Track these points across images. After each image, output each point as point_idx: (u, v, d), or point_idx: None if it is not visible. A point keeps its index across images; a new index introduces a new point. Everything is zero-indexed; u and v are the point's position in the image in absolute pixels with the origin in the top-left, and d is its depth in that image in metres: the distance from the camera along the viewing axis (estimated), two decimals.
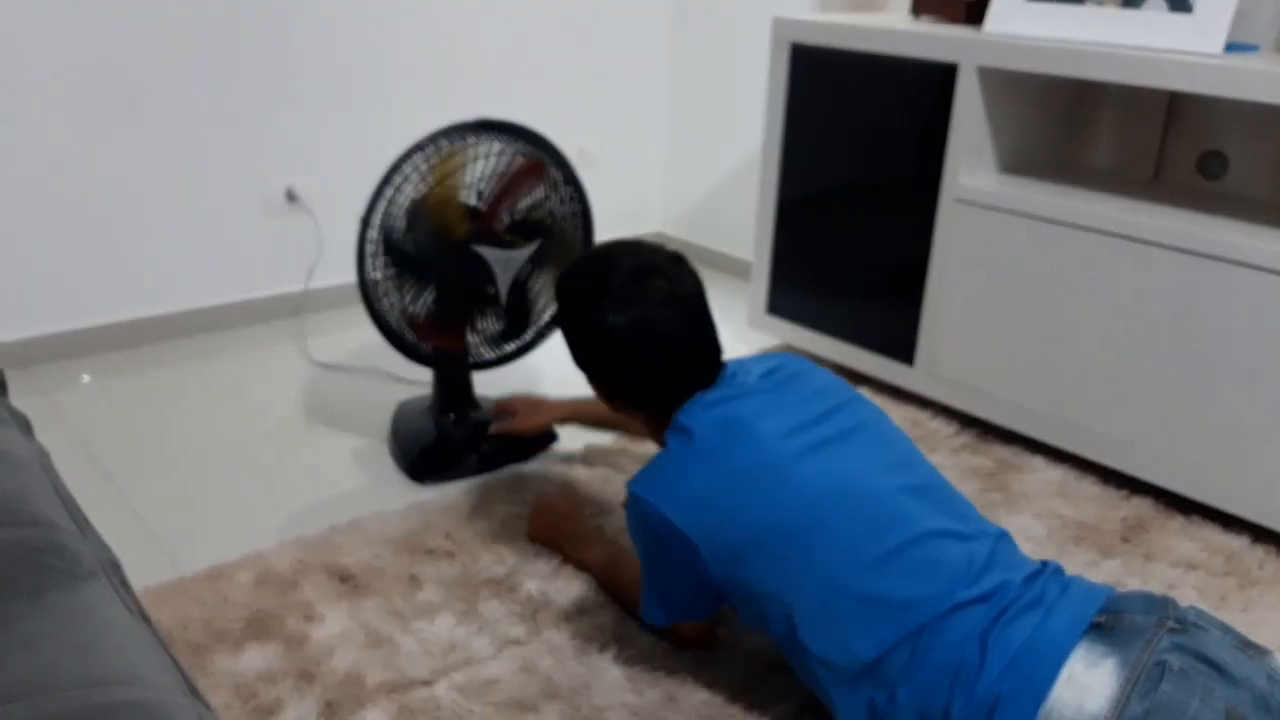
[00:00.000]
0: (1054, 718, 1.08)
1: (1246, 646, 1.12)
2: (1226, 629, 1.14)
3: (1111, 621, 1.14)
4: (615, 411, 1.51)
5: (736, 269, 3.26)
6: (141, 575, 1.61)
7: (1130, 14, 1.94)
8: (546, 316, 2.05)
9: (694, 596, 1.37)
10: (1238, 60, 1.77)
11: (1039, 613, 1.16)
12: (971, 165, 2.12)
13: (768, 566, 1.26)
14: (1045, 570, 1.24)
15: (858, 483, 1.27)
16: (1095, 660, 1.10)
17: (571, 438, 2.14)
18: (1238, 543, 1.84)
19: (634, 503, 1.34)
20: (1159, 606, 1.15)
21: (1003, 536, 1.29)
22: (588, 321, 1.40)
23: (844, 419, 1.35)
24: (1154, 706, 1.04)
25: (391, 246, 1.83)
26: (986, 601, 1.18)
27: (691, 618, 1.43)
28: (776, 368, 1.42)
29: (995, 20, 2.09)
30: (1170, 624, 1.12)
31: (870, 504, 1.25)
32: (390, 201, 1.81)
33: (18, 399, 2.21)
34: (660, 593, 1.40)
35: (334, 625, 1.51)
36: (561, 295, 1.45)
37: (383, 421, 2.19)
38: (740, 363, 1.44)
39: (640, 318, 1.37)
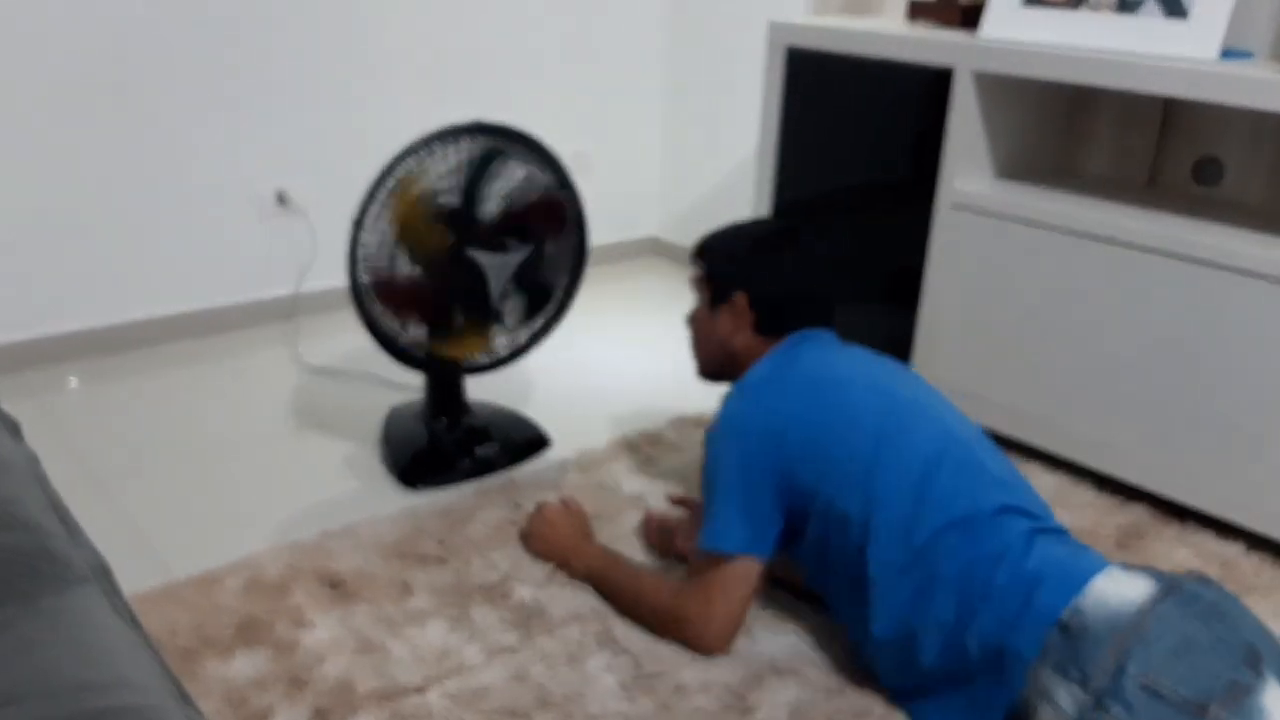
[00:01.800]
0: (1094, 596, 1.22)
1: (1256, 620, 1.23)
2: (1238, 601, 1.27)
3: (1146, 569, 1.28)
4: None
5: None
6: (131, 580, 1.60)
7: (1126, 20, 1.95)
8: (539, 321, 2.05)
9: (762, 515, 1.46)
10: (1233, 67, 1.78)
11: (1075, 547, 1.34)
12: (967, 170, 2.12)
13: (838, 465, 1.42)
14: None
15: (931, 409, 1.47)
16: (1134, 576, 1.25)
17: (564, 444, 2.14)
18: (1233, 549, 1.85)
19: (729, 403, 1.52)
20: (1187, 575, 1.27)
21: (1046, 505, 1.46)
22: (775, 257, 1.65)
23: (921, 384, 1.56)
24: (1188, 615, 1.17)
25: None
26: (1033, 518, 1.36)
27: (749, 546, 1.46)
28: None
29: (991, 25, 2.10)
30: (1198, 578, 1.25)
31: (940, 426, 1.44)
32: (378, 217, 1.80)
33: (7, 403, 2.20)
34: (726, 512, 1.47)
35: (324, 631, 1.51)
36: (740, 237, 1.68)
37: (375, 426, 2.19)
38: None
39: (818, 259, 1.67)
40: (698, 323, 1.73)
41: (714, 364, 1.71)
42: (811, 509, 1.46)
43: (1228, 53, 1.94)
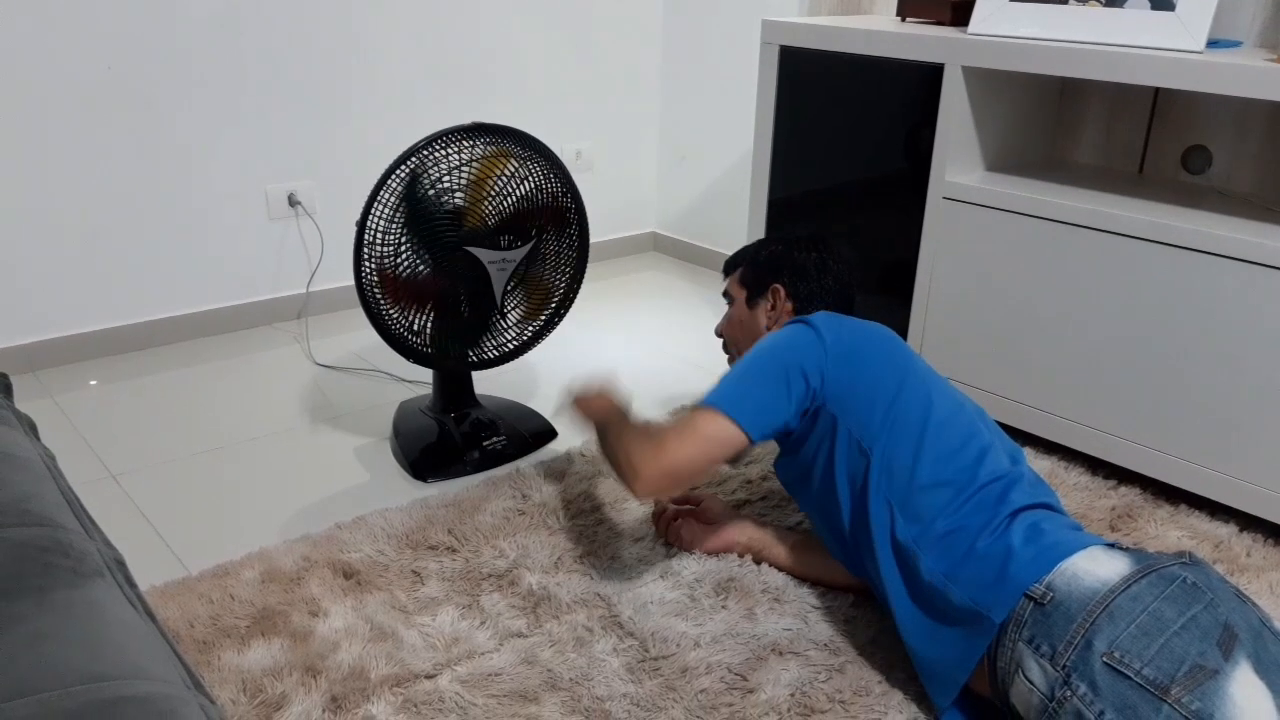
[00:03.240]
0: (1068, 572, 1.24)
1: (1242, 596, 1.23)
2: (1227, 581, 1.26)
3: (1131, 549, 1.29)
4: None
5: None
6: (148, 574, 1.64)
7: (1113, 13, 1.96)
8: (543, 317, 2.08)
9: (776, 403, 1.50)
10: (1220, 56, 1.79)
11: (1064, 526, 1.36)
12: (958, 163, 2.14)
13: (870, 392, 1.49)
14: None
15: (946, 386, 1.54)
16: (1114, 555, 1.26)
17: (570, 435, 2.17)
18: (1225, 530, 1.87)
19: (793, 323, 1.58)
20: (1175, 554, 1.27)
21: (1052, 491, 1.50)
22: (807, 254, 1.76)
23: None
24: (1162, 595, 1.18)
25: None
26: (1027, 494, 1.39)
27: (743, 416, 1.48)
28: None
29: (980, 21, 2.12)
30: (1182, 561, 1.25)
31: (951, 397, 1.52)
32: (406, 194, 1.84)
33: (24, 402, 2.24)
34: (744, 384, 1.52)
35: (338, 620, 1.54)
36: (774, 241, 1.81)
37: (385, 421, 2.22)
38: None
39: (840, 254, 1.79)
40: (735, 320, 1.81)
41: None
42: (821, 430, 1.53)
43: (1215, 42, 1.96)
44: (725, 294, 1.84)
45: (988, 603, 1.29)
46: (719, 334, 1.86)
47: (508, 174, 1.91)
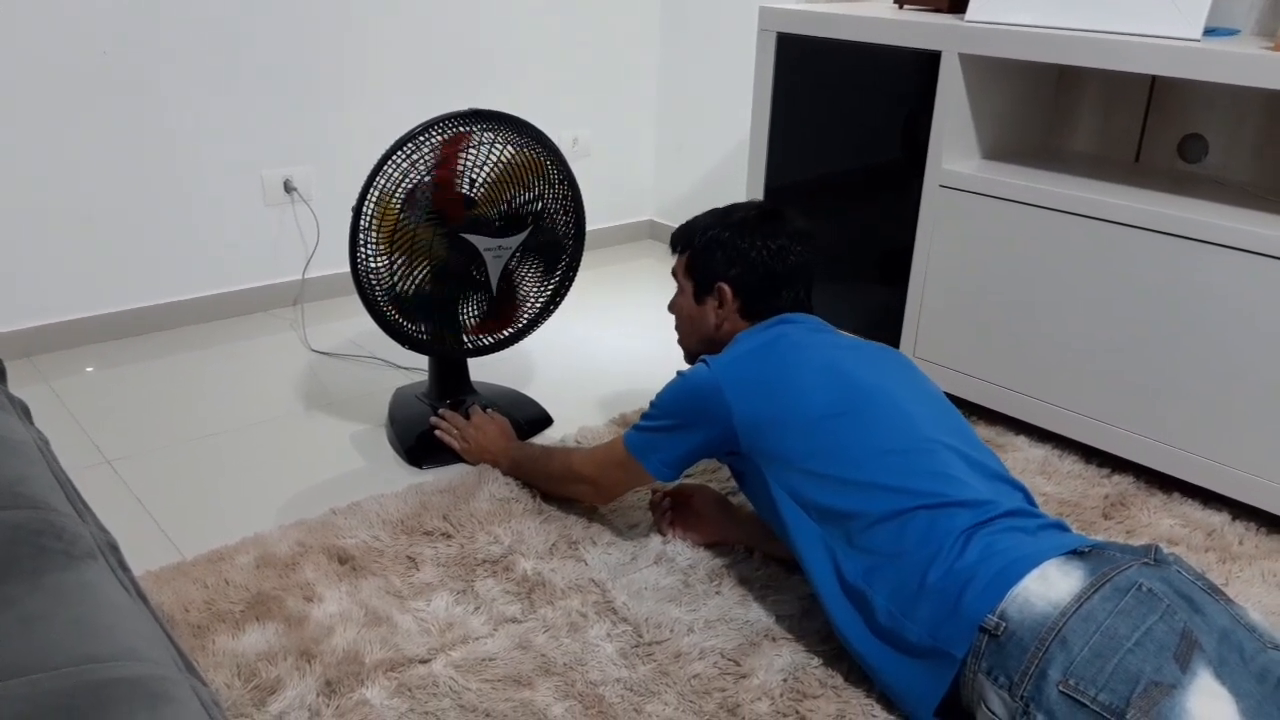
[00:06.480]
0: (1020, 599, 1.21)
1: (1214, 591, 1.22)
2: (1199, 575, 1.24)
3: (1092, 553, 1.26)
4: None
5: None
6: (143, 559, 1.65)
7: (1111, 0, 1.96)
8: (539, 304, 2.08)
9: (677, 457, 1.59)
10: (1217, 44, 1.79)
11: (1022, 534, 1.32)
12: (955, 151, 2.14)
13: (785, 441, 1.47)
14: (1048, 518, 1.39)
15: (888, 394, 1.48)
16: (1068, 570, 1.23)
17: (566, 422, 2.17)
18: (1218, 519, 1.87)
19: (699, 368, 1.57)
20: (1141, 550, 1.26)
21: (1018, 486, 1.46)
22: (754, 242, 1.68)
23: (900, 368, 1.59)
24: (1116, 609, 1.16)
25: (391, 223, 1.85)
26: (976, 508, 1.34)
27: (651, 464, 1.61)
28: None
29: (977, 8, 2.11)
30: (1145, 560, 1.23)
31: (892, 411, 1.46)
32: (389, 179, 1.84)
33: (20, 388, 2.24)
34: (655, 433, 1.60)
35: (333, 605, 1.54)
36: (720, 224, 1.72)
37: (380, 407, 2.22)
38: None
39: (794, 233, 1.69)
40: (683, 313, 1.78)
41: (702, 350, 1.75)
42: (752, 474, 1.54)
43: (1213, 30, 1.96)
44: (674, 273, 1.79)
45: (947, 638, 1.27)
46: (671, 310, 1.82)
47: (525, 181, 1.91)
